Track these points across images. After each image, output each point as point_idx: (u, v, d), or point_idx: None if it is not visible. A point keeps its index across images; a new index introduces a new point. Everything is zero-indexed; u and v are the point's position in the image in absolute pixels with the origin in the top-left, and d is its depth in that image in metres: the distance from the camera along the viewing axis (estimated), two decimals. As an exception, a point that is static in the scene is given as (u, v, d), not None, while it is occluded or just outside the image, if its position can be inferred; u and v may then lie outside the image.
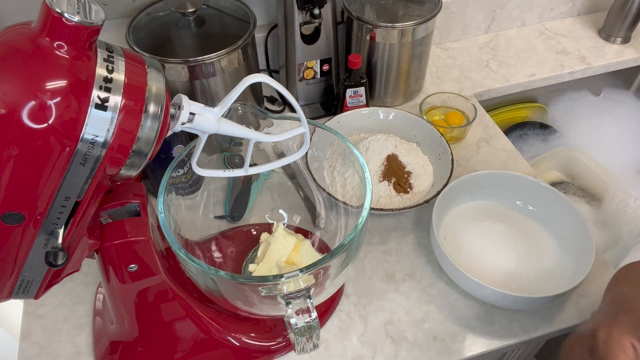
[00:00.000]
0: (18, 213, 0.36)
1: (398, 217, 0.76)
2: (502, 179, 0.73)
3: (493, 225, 0.72)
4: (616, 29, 1.06)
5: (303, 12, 0.79)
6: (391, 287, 0.68)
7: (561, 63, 1.04)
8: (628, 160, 0.97)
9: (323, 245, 0.66)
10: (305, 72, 0.87)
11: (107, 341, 0.61)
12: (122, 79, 0.36)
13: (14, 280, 0.42)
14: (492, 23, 1.09)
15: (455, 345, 0.62)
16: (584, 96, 1.09)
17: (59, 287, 0.68)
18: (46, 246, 0.40)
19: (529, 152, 1.05)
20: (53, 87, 0.33)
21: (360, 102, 0.88)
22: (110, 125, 0.35)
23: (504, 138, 0.89)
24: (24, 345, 0.63)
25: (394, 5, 0.85)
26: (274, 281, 0.44)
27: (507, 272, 0.67)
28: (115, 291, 0.52)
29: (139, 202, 0.50)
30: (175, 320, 0.57)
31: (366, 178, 0.51)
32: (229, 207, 0.70)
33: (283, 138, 0.49)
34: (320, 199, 0.69)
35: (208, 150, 0.62)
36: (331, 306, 0.65)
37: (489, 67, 1.03)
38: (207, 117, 0.43)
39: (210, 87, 0.75)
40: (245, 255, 0.67)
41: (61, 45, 0.33)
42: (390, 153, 0.77)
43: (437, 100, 0.91)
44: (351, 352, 0.62)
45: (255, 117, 0.55)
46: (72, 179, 0.36)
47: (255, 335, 0.61)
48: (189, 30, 0.76)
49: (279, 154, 0.67)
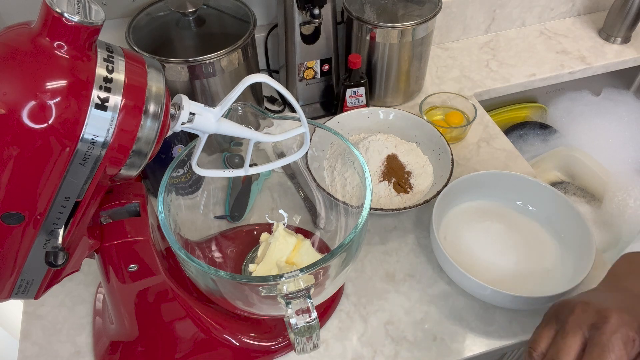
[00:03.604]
0: (18, 213, 0.36)
1: (398, 217, 0.76)
2: (502, 179, 0.73)
3: (493, 225, 0.72)
4: (616, 29, 1.06)
5: (303, 12, 0.79)
6: (391, 287, 0.68)
7: (561, 63, 1.04)
8: (628, 160, 0.97)
9: (323, 245, 0.66)
10: (305, 72, 0.87)
11: (107, 341, 0.61)
12: (122, 79, 0.36)
13: (14, 280, 0.42)
14: (492, 23, 1.09)
15: (455, 345, 0.62)
16: (584, 96, 1.09)
17: (59, 287, 0.68)
18: (46, 246, 0.40)
19: (529, 152, 1.06)
20: (53, 87, 0.33)
21: (360, 102, 0.88)
22: (110, 125, 0.35)
23: (504, 138, 0.89)
24: (24, 345, 0.63)
25: (394, 5, 0.85)
26: (274, 281, 0.44)
27: (507, 272, 0.67)
28: (115, 291, 0.52)
29: (139, 202, 0.50)
30: (175, 320, 0.57)
31: (366, 178, 0.51)
32: (229, 207, 0.70)
33: (283, 138, 0.49)
34: (320, 199, 0.69)
35: (208, 150, 0.62)
36: (331, 306, 0.65)
37: (489, 67, 1.03)
38: (207, 117, 0.43)
39: (210, 87, 0.75)
40: (245, 255, 0.67)
41: (61, 45, 0.33)
42: (390, 153, 0.77)
43: (437, 100, 0.91)
44: (351, 352, 0.62)
45: (255, 117, 0.55)
46: (72, 179, 0.36)
47: (255, 335, 0.61)
48: (189, 30, 0.76)
49: (279, 154, 0.67)
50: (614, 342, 0.40)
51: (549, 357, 0.42)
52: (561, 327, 0.43)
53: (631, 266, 0.51)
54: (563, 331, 0.43)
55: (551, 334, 0.44)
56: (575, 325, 0.42)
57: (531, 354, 0.44)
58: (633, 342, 0.40)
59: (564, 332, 0.42)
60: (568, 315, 0.43)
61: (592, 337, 0.41)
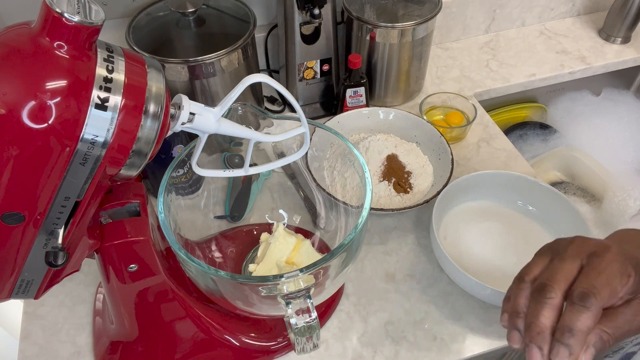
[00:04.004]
0: (18, 213, 0.36)
1: (398, 217, 0.76)
2: (502, 179, 0.73)
3: (493, 225, 0.72)
4: (616, 29, 1.06)
5: (303, 12, 0.79)
6: (391, 287, 0.68)
7: (561, 63, 1.04)
8: (628, 160, 0.97)
9: (323, 245, 0.66)
10: (305, 72, 0.87)
11: (107, 341, 0.61)
12: (122, 79, 0.36)
13: (14, 280, 0.42)
14: (492, 23, 1.09)
15: (455, 345, 0.62)
16: (584, 96, 1.09)
17: (59, 287, 0.68)
18: (46, 246, 0.40)
19: (529, 152, 1.06)
20: (53, 87, 0.33)
21: (360, 102, 0.88)
22: (110, 125, 0.35)
23: (504, 138, 0.89)
24: (24, 345, 0.63)
25: (394, 5, 0.85)
26: (274, 281, 0.44)
27: (507, 272, 0.66)
28: (115, 291, 0.52)
29: (139, 202, 0.50)
30: (175, 320, 0.57)
31: (366, 178, 0.51)
32: (229, 207, 0.70)
33: (283, 138, 0.49)
34: (320, 199, 0.69)
35: (208, 150, 0.62)
36: (331, 306, 0.65)
37: (489, 67, 1.03)
38: (207, 117, 0.43)
39: (210, 87, 0.75)
40: (245, 255, 0.67)
41: (61, 45, 0.33)
42: (390, 153, 0.77)
43: (437, 100, 0.91)
44: (351, 352, 0.62)
45: (255, 117, 0.55)
46: (72, 179, 0.36)
47: (255, 335, 0.61)
48: (189, 30, 0.76)
49: (279, 154, 0.67)
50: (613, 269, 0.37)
51: (541, 279, 0.39)
52: (557, 255, 0.40)
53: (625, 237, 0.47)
54: (560, 257, 0.40)
55: (545, 262, 0.41)
56: (573, 253, 0.39)
57: (522, 278, 0.40)
58: (628, 276, 0.38)
59: (561, 258, 0.39)
60: (567, 245, 0.41)
61: (590, 262, 0.38)
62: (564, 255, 0.40)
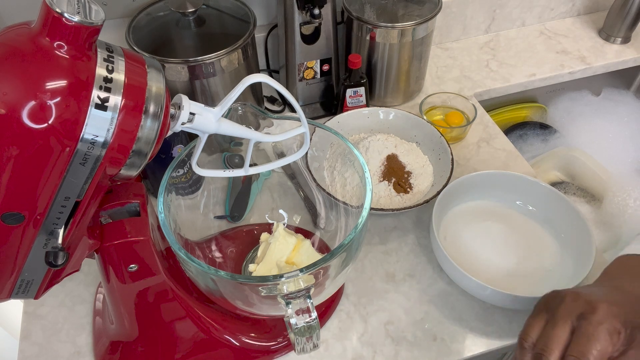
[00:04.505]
0: (18, 213, 0.36)
1: (398, 217, 0.76)
2: (502, 179, 0.73)
3: (493, 225, 0.72)
4: (616, 29, 1.06)
5: (303, 12, 0.79)
6: (391, 287, 0.68)
7: (561, 63, 1.04)
8: (628, 160, 0.97)
9: (323, 245, 0.66)
10: (305, 72, 0.87)
11: (107, 341, 0.61)
12: (122, 79, 0.36)
13: (14, 280, 0.42)
14: (492, 23, 1.09)
15: (455, 345, 0.62)
16: (584, 96, 1.09)
17: (59, 287, 0.68)
18: (46, 246, 0.40)
19: (529, 152, 1.06)
20: (53, 87, 0.33)
21: (360, 102, 0.88)
22: (110, 125, 0.35)
23: (504, 138, 0.89)
24: (24, 345, 0.63)
25: (394, 5, 0.85)
26: (274, 281, 0.44)
27: (507, 272, 0.67)
28: (115, 291, 0.52)
29: (139, 202, 0.50)
30: (175, 320, 0.57)
31: (366, 178, 0.51)
32: (229, 207, 0.70)
33: (283, 138, 0.49)
34: (320, 199, 0.69)
35: (208, 150, 0.62)
36: (331, 306, 0.65)
37: (489, 67, 1.03)
38: (207, 117, 0.43)
39: (210, 87, 0.75)
40: (245, 255, 0.67)
41: (61, 45, 0.33)
42: (390, 153, 0.77)
43: (437, 100, 0.91)
44: (351, 352, 0.62)
45: (255, 117, 0.55)
46: (72, 179, 0.36)
47: (255, 335, 0.61)
48: (189, 30, 0.76)
49: (279, 154, 0.67)
50: (600, 332, 0.40)
51: (539, 347, 0.43)
52: (551, 317, 0.44)
53: (624, 268, 0.51)
54: (553, 321, 0.43)
55: (541, 323, 0.45)
56: (564, 315, 0.43)
57: (522, 344, 0.44)
58: (619, 334, 0.41)
59: (554, 322, 0.43)
60: (558, 305, 0.44)
61: (580, 327, 0.42)
62: (555, 318, 0.44)
